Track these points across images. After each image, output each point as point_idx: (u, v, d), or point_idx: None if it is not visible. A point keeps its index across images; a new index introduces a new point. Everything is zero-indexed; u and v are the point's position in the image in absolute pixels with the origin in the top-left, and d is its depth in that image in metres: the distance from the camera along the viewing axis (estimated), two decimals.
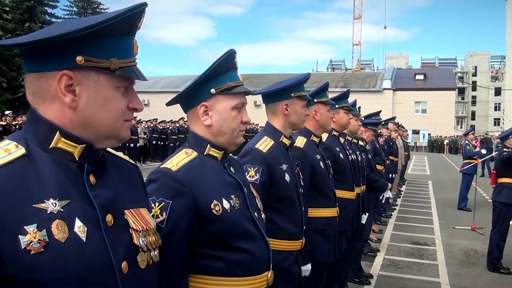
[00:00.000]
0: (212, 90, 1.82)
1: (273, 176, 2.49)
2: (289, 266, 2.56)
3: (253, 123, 32.66)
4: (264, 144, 2.57)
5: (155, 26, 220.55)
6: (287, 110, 2.69)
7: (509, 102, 60.44)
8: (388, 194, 6.18)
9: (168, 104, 1.97)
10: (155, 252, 1.29)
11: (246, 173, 2.42)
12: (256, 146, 2.56)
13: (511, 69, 60.03)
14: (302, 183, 2.75)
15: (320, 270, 3.22)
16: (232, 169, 1.89)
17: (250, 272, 1.77)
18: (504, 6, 63.94)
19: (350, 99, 5.13)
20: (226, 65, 1.83)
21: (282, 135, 2.67)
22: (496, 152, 7.56)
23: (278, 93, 2.70)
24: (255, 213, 1.85)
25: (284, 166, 2.56)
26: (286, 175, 2.54)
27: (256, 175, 2.43)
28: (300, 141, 3.15)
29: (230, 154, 1.97)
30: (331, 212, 3.32)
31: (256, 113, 42.03)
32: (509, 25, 61.57)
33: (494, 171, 7.11)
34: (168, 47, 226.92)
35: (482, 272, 6.52)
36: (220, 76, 1.82)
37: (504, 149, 6.80)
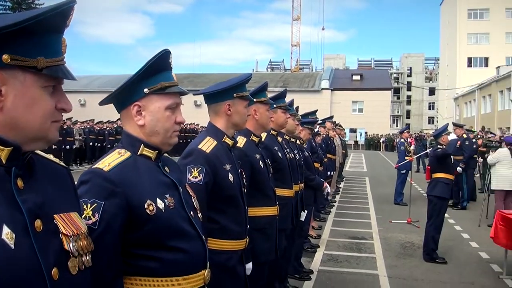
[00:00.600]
0: (146, 90, 1.80)
1: (217, 177, 2.50)
2: (234, 265, 2.58)
3: (194, 123, 32.43)
4: (207, 145, 2.57)
5: (92, 23, 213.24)
6: (229, 110, 2.70)
7: (443, 102, 63.75)
8: (328, 189, 6.35)
9: (101, 103, 1.92)
10: (87, 257, 1.27)
11: (189, 174, 2.42)
12: (199, 146, 2.55)
13: (444, 70, 63.33)
14: (245, 183, 2.77)
15: (261, 269, 3.26)
16: (167, 168, 1.88)
17: (186, 271, 1.77)
18: (438, 10, 67.32)
19: (290, 99, 5.24)
20: (160, 65, 1.82)
21: (225, 135, 2.69)
22: (431, 149, 7.94)
23: (221, 93, 2.71)
24: (191, 212, 1.86)
25: (228, 166, 2.57)
26: (230, 175, 2.56)
27: (199, 176, 2.43)
28: (240, 141, 3.17)
29: (166, 154, 1.96)
30: (271, 210, 3.37)
31: (197, 113, 41.91)
32: (442, 29, 64.86)
33: (429, 167, 7.49)
34: (106, 45, 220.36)
35: (419, 263, 6.84)
36: (154, 76, 1.81)
37: (438, 146, 7.18)
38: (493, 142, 11.30)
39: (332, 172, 10.77)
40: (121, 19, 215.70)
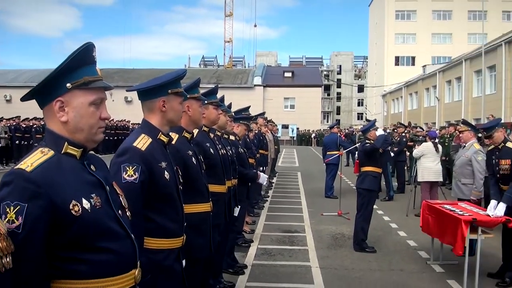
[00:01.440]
0: (68, 85, 1.74)
1: (153, 175, 2.46)
2: (171, 264, 2.55)
3: (125, 120, 31.62)
4: (142, 142, 2.52)
5: (17, 13, 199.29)
6: (164, 107, 2.66)
7: (371, 98, 66.31)
8: (263, 178, 6.44)
9: (23, 99, 1.84)
10: (7, 259, 1.24)
11: (124, 173, 2.37)
12: (134, 144, 2.50)
13: (373, 68, 65.91)
14: (181, 180, 2.75)
15: (196, 265, 3.24)
16: (92, 167, 1.83)
17: (116, 272, 1.74)
18: (367, 11, 69.87)
19: (223, 95, 5.24)
20: (83, 58, 1.77)
21: (160, 133, 2.64)
22: (359, 144, 8.25)
23: (155, 89, 2.66)
24: (119, 211, 1.82)
25: (163, 164, 2.53)
26: (166, 172, 2.52)
27: (135, 174, 2.38)
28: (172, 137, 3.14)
29: (92, 152, 1.91)
30: (205, 207, 3.36)
31: (128, 110, 40.91)
32: (371, 28, 67.36)
33: (358, 161, 7.78)
34: (32, 38, 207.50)
35: (349, 253, 7.11)
36: (77, 70, 1.75)
37: (366, 141, 7.47)
38: (419, 137, 11.90)
39: (264, 167, 10.90)
40: (47, 9, 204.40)
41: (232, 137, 5.65)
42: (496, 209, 5.70)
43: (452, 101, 37.49)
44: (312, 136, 49.95)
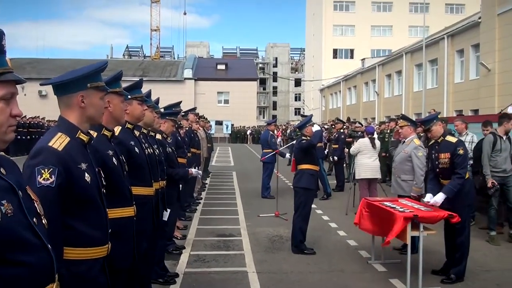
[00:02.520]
0: None
1: (71, 177, 2.39)
2: (96, 276, 2.49)
3: (39, 117, 30.33)
4: (59, 142, 2.44)
5: None
6: (83, 102, 2.59)
7: (308, 93, 67.75)
8: (198, 173, 6.42)
9: None
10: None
11: (39, 176, 2.28)
12: (50, 144, 2.41)
13: (310, 61, 67.29)
14: (104, 183, 2.69)
15: (118, 276, 3.17)
16: (2, 170, 1.74)
17: (29, 287, 1.67)
18: (304, 1, 71.08)
19: (150, 89, 5.15)
20: None
21: (79, 131, 2.57)
22: (296, 140, 8.37)
23: (73, 83, 2.58)
24: (34, 219, 1.75)
25: (83, 165, 2.47)
26: (86, 174, 2.47)
27: (51, 178, 2.30)
28: None
29: (2, 153, 1.82)
30: (128, 211, 3.29)
31: (43, 105, 39.34)
32: (308, 20, 68.69)
33: (294, 159, 7.91)
34: None
35: (287, 256, 7.23)
36: None
37: (303, 138, 7.59)
38: (358, 133, 12.26)
39: (197, 167, 10.83)
40: None
41: (158, 136, 5.56)
42: (435, 197, 6.08)
43: (392, 95, 39.04)
44: (248, 133, 50.32)
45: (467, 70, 27.63)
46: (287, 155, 12.65)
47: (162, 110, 6.23)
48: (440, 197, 6.08)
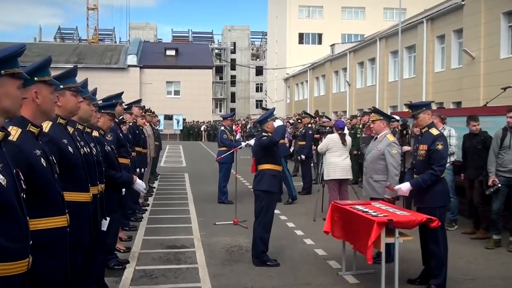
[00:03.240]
0: None
1: None
2: None
3: None
4: None
5: None
6: None
7: (271, 82, 68.02)
8: (140, 185, 6.35)
9: None
10: None
11: None
12: None
13: (273, 47, 67.48)
14: (24, 187, 2.66)
15: None
16: None
17: None
18: None
19: (85, 77, 5.07)
20: None
21: None
22: (256, 137, 8.38)
23: None
24: None
25: None
26: (1, 177, 2.45)
27: None
28: (12, 133, 2.99)
29: None
30: (59, 221, 3.25)
31: None
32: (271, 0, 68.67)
33: (254, 158, 7.93)
34: None
35: (248, 268, 7.26)
36: None
37: (263, 134, 7.61)
38: (327, 128, 12.33)
39: (143, 169, 10.75)
40: None
41: (96, 133, 5.49)
42: (401, 185, 6.42)
43: (365, 86, 39.67)
44: (202, 129, 50.18)
45: (449, 58, 28.25)
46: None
47: (100, 102, 6.15)
48: (405, 186, 6.40)
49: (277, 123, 8.00)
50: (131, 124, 9.79)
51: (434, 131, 6.44)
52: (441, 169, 6.26)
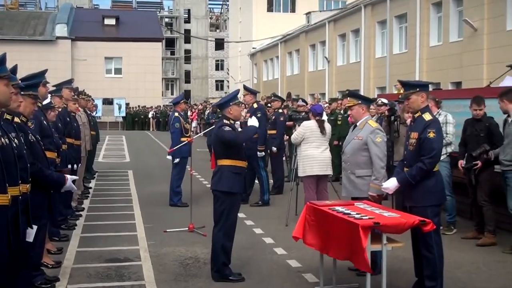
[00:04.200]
0: None
1: None
2: None
3: None
4: None
5: None
6: None
7: (234, 59, 67.82)
8: (72, 187, 6.30)
9: None
10: None
11: None
12: None
13: (236, 15, 67.26)
14: None
15: None
16: None
17: None
18: None
19: (3, 51, 4.99)
20: None
21: None
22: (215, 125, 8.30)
23: None
24: None
25: None
26: None
27: None
28: None
29: None
30: None
31: None
32: None
33: (214, 151, 7.90)
34: None
35: (206, 284, 7.28)
36: None
37: (224, 122, 7.55)
38: (302, 114, 12.31)
39: (77, 165, 10.64)
40: None
41: (17, 119, 5.43)
42: (387, 182, 6.60)
43: (347, 63, 39.83)
44: (150, 116, 49.87)
45: (446, 30, 28.39)
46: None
47: (19, 82, 6.06)
48: (391, 184, 6.58)
49: (251, 121, 7.93)
50: (60, 110, 9.68)
51: (427, 116, 6.53)
52: (431, 161, 6.37)
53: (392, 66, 29.86)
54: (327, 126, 10.63)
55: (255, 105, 12.89)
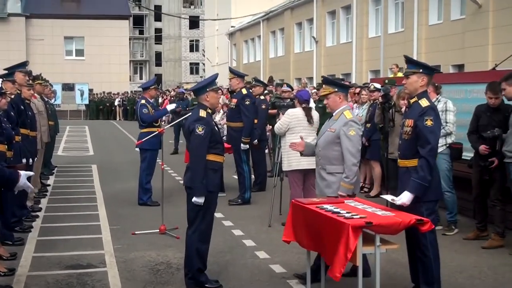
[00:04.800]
0: None
1: None
2: None
3: None
4: None
5: None
6: None
7: (211, 39, 67.65)
8: (27, 184, 6.29)
9: None
10: None
11: None
12: None
13: None
14: None
15: None
16: None
17: None
18: None
19: None
20: None
21: None
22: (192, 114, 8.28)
23: None
24: None
25: None
26: None
27: None
28: None
29: None
30: None
31: None
32: None
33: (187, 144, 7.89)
34: None
35: None
36: None
37: (200, 110, 7.48)
38: (286, 101, 12.32)
39: (32, 160, 10.59)
40: None
41: None
42: (401, 196, 6.46)
43: (338, 43, 39.81)
44: (116, 104, 49.67)
45: (448, 6, 28.40)
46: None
47: None
48: (405, 198, 6.45)
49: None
50: (13, 96, 9.63)
51: (423, 102, 6.56)
52: (432, 153, 6.41)
53: (387, 47, 29.87)
54: (315, 114, 10.62)
55: (243, 91, 12.78)
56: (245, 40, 58.50)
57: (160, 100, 36.38)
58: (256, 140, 13.89)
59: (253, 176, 14.08)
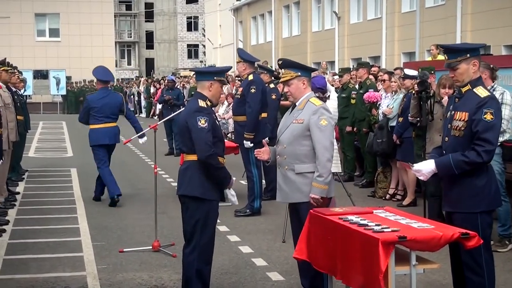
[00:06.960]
0: None
1: None
2: None
3: None
4: None
5: None
6: None
7: (213, 16, 67.68)
8: None
9: None
10: None
11: None
12: None
13: None
14: None
15: None
16: None
17: None
18: None
19: None
20: None
21: None
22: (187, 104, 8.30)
23: None
24: None
25: None
26: None
27: None
28: None
29: None
30: None
31: None
32: None
33: (181, 142, 7.91)
34: None
35: None
36: None
37: (199, 100, 7.50)
38: None
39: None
40: None
41: None
42: (419, 164, 6.63)
43: (364, 20, 39.64)
44: None
45: None
46: None
47: None
48: (426, 167, 6.53)
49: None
50: None
51: (481, 92, 6.42)
52: (490, 152, 6.28)
53: (423, 24, 29.71)
54: (332, 105, 10.54)
55: (250, 77, 12.65)
56: (253, 16, 58.40)
57: (152, 90, 36.30)
58: (266, 139, 13.75)
59: (264, 182, 14.04)
